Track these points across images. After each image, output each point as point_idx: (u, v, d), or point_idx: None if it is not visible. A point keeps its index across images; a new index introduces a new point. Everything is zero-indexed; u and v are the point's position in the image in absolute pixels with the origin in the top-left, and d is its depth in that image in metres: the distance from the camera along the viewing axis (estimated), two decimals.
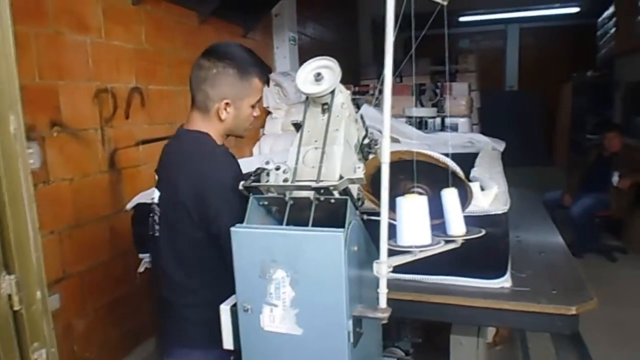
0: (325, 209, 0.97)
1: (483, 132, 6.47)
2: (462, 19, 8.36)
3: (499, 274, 1.29)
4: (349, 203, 0.95)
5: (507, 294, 1.27)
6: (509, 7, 7.87)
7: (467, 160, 2.15)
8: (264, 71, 1.34)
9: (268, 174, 1.01)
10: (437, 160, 0.99)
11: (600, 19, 7.11)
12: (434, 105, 5.11)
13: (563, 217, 4.38)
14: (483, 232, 1.01)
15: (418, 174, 0.98)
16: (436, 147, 3.04)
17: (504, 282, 1.29)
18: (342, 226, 0.92)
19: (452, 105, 5.13)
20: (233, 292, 0.99)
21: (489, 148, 2.69)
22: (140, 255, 1.82)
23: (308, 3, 4.93)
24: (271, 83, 4.01)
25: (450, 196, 0.99)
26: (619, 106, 6.44)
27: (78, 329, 2.16)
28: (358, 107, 4.66)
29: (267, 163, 1.01)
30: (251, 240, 0.96)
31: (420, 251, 0.91)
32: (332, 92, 1.05)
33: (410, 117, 4.44)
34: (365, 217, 1.03)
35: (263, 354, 0.98)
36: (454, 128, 4.39)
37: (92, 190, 2.24)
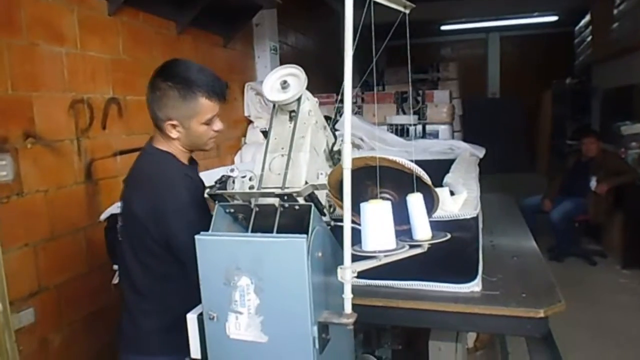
0: (291, 216, 0.97)
1: (465, 139, 6.56)
2: (443, 27, 8.49)
3: (469, 278, 1.31)
4: (313, 209, 0.95)
5: (477, 298, 1.28)
6: (490, 16, 8.01)
7: (444, 166, 2.19)
8: (213, 89, 1.31)
9: (234, 182, 1.02)
10: (402, 165, 1.00)
11: (577, 27, 7.27)
12: (415, 113, 5.16)
13: (543, 222, 4.44)
14: (449, 236, 1.03)
15: (385, 179, 0.99)
16: (416, 153, 3.07)
17: (474, 286, 1.31)
18: (308, 232, 0.93)
19: (433, 112, 5.19)
20: (193, 300, 0.99)
21: (467, 154, 2.72)
22: (115, 267, 1.81)
23: (289, 13, 4.97)
24: (252, 92, 4.02)
25: (415, 201, 1.00)
26: (596, 112, 6.57)
27: (54, 343, 2.13)
28: (340, 115, 4.65)
29: (232, 170, 1.02)
30: (215, 247, 0.96)
31: (385, 256, 0.92)
32: (299, 100, 1.06)
33: (392, 125, 4.48)
34: (332, 223, 1.04)
35: None
36: (435, 135, 4.44)
37: (68, 202, 2.22)
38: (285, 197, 0.96)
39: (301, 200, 0.97)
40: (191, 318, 1.02)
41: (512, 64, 9.32)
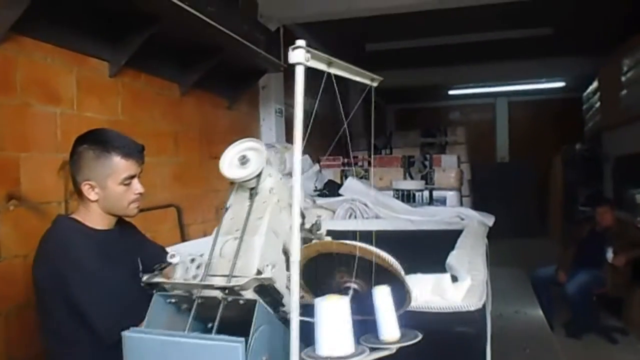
0: (240, 309, 0.84)
1: (475, 204, 6.43)
2: (451, 92, 8.57)
3: None
4: (258, 306, 0.83)
5: None
6: (498, 81, 8.09)
7: (451, 237, 2.05)
8: (128, 149, 1.37)
9: (175, 269, 0.90)
10: (378, 256, 0.88)
11: (585, 94, 7.28)
12: (423, 178, 5.07)
13: (558, 294, 4.20)
14: (420, 337, 0.89)
15: (359, 267, 0.87)
16: (422, 222, 2.94)
17: None
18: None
19: (441, 177, 5.11)
20: None
21: (475, 224, 2.59)
22: None
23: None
24: None
25: (381, 295, 0.87)
26: (608, 179, 6.43)
27: None
28: (346, 177, 4.49)
29: (173, 257, 0.90)
30: (144, 346, 0.84)
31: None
32: (259, 176, 0.96)
33: (397, 190, 4.38)
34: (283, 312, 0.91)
35: None
36: (442, 201, 4.31)
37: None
38: (226, 291, 0.84)
39: (248, 294, 0.84)
40: None
41: (521, 129, 9.33)
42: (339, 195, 4.04)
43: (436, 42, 5.81)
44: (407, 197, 4.28)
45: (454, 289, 1.19)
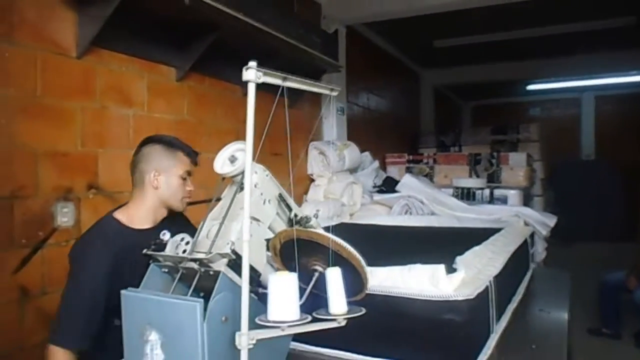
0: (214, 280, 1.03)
1: (550, 204, 6.15)
2: (530, 87, 8.21)
3: None
4: (221, 275, 1.02)
5: None
6: (583, 75, 7.64)
7: (491, 235, 2.09)
8: (189, 150, 1.70)
9: (166, 245, 1.10)
10: (338, 244, 1.03)
11: None
12: (490, 176, 4.99)
13: (627, 302, 3.97)
14: (363, 311, 1.03)
15: (323, 253, 1.02)
16: (467, 220, 2.96)
17: None
18: None
19: (509, 175, 4.99)
20: None
21: (518, 224, 2.58)
22: None
23: (363, 73, 5.14)
24: (315, 151, 4.16)
25: (332, 275, 1.00)
26: None
27: None
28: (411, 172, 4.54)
29: (164, 234, 1.10)
30: (134, 303, 1.06)
31: (288, 326, 0.94)
32: (242, 174, 1.13)
33: (458, 188, 4.37)
34: (260, 290, 1.07)
35: None
36: (503, 200, 4.23)
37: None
38: (198, 262, 1.05)
39: (219, 267, 1.02)
40: None
41: (609, 124, 8.71)
42: (396, 191, 4.13)
43: (511, 36, 5.64)
44: (467, 195, 4.26)
45: (448, 279, 1.28)
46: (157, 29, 2.49)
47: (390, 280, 1.35)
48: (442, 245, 2.02)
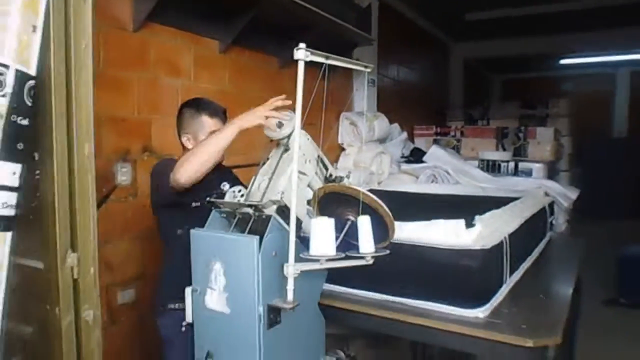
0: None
1: (578, 179, 6.19)
2: (563, 61, 8.11)
3: (474, 304, 1.43)
4: (272, 219, 1.25)
5: (478, 323, 1.40)
6: (618, 50, 7.50)
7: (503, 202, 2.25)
8: (214, 110, 1.90)
9: (225, 195, 1.32)
10: (368, 197, 1.23)
11: None
12: (516, 150, 5.07)
13: None
14: (388, 252, 1.24)
15: (354, 206, 1.22)
16: (491, 190, 3.12)
17: (479, 312, 1.43)
18: None
19: (535, 150, 5.07)
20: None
21: (540, 194, 2.72)
22: None
23: (393, 46, 5.23)
24: (346, 121, 4.33)
25: (363, 221, 1.20)
26: None
27: (148, 321, 2.56)
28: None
29: (224, 186, 1.32)
30: (202, 240, 1.30)
31: (326, 260, 1.15)
32: (289, 137, 1.33)
33: (483, 160, 4.49)
34: (302, 234, 1.29)
35: (206, 326, 1.32)
36: (528, 173, 4.34)
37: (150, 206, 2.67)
38: (253, 208, 1.27)
39: (271, 211, 1.23)
40: (187, 291, 1.35)
41: None
42: (423, 162, 4.28)
43: (546, 9, 5.61)
44: (492, 167, 4.38)
45: (467, 232, 1.47)
46: (203, 5, 2.68)
47: (416, 232, 1.54)
48: (464, 210, 2.18)
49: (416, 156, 4.46)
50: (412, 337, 1.54)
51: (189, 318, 1.37)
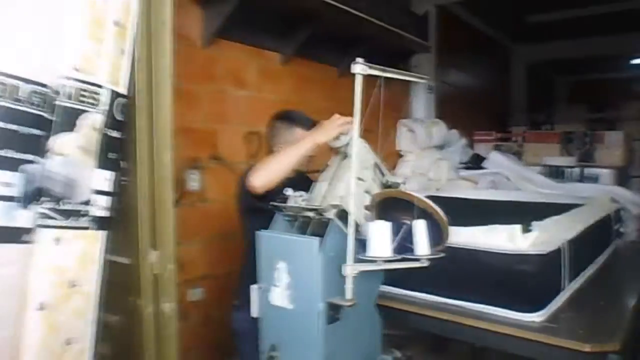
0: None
1: None
2: (634, 61, 7.68)
3: (530, 308, 1.45)
4: (331, 222, 1.33)
5: (534, 327, 1.41)
6: None
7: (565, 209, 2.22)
8: (306, 124, 1.92)
9: (287, 199, 1.42)
10: (422, 202, 1.28)
11: None
12: (583, 155, 4.89)
13: None
14: (442, 255, 1.28)
15: (410, 211, 1.28)
16: (551, 196, 3.05)
17: (535, 317, 1.44)
18: None
19: (604, 155, 4.85)
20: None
21: (605, 200, 2.64)
22: None
23: (453, 51, 5.20)
24: (404, 128, 4.36)
25: (419, 226, 1.26)
26: None
27: (214, 319, 2.72)
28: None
29: (286, 191, 1.42)
30: (268, 240, 1.41)
31: (384, 261, 1.20)
32: (347, 145, 1.41)
33: (546, 166, 4.37)
34: (360, 237, 1.36)
35: (271, 320, 1.42)
36: (594, 179, 4.17)
37: (236, 210, 2.83)
38: (314, 211, 1.36)
39: (331, 215, 1.31)
40: (253, 288, 1.47)
41: None
42: (483, 168, 4.23)
43: (613, 8, 5.38)
44: (555, 173, 4.25)
45: (523, 237, 1.48)
46: (266, 20, 2.83)
47: (473, 237, 1.58)
48: (524, 216, 2.17)
49: (476, 162, 4.41)
50: (467, 339, 1.56)
51: (254, 313, 1.48)
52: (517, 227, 1.50)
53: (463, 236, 1.57)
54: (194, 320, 2.58)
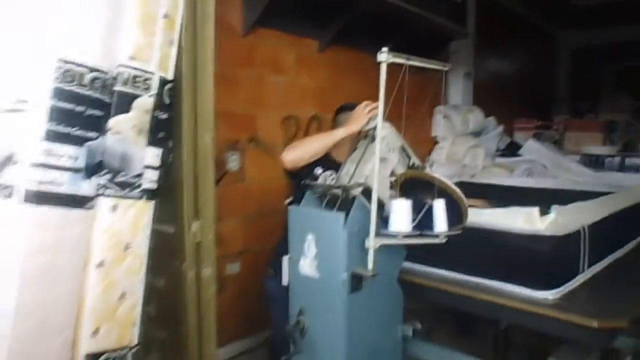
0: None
1: None
2: None
3: (544, 287, 1.52)
4: (357, 199, 1.45)
5: (547, 304, 1.49)
6: None
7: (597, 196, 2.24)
8: None
9: (318, 178, 1.54)
10: (442, 182, 1.38)
11: None
12: (625, 144, 4.78)
13: None
14: (459, 231, 1.37)
15: (433, 192, 1.38)
16: (586, 184, 3.04)
17: (549, 294, 1.51)
18: None
19: None
20: None
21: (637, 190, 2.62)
22: None
23: (493, 37, 5.15)
24: (440, 115, 4.38)
25: (438, 205, 1.34)
26: None
27: (251, 292, 2.90)
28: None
29: (317, 170, 1.53)
30: (298, 214, 1.56)
31: (403, 236, 1.31)
32: (374, 129, 1.50)
33: (585, 155, 4.31)
34: (384, 215, 1.46)
35: (299, 288, 1.56)
36: (636, 169, 4.08)
37: (273, 190, 2.96)
38: (340, 189, 1.49)
39: (356, 192, 1.42)
40: (284, 258, 1.60)
41: None
42: (519, 156, 4.22)
43: None
44: (595, 162, 4.19)
45: (540, 219, 1.55)
46: (304, 9, 2.94)
47: (492, 218, 1.66)
48: (554, 202, 2.22)
49: (512, 150, 4.40)
50: (483, 313, 1.65)
51: (285, 281, 1.62)
52: (535, 210, 1.57)
53: (483, 217, 1.66)
54: (231, 292, 2.76)
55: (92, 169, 1.22)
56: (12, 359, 1.12)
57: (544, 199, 2.56)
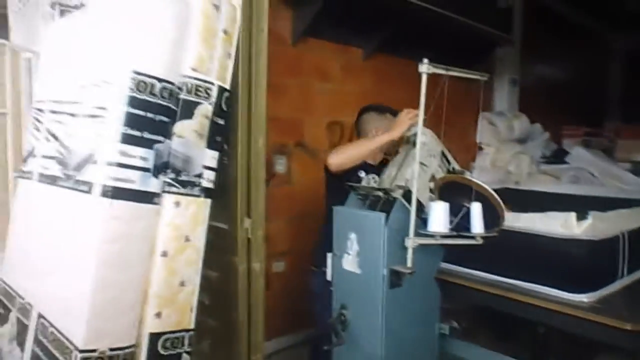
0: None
1: None
2: None
3: (579, 290, 1.56)
4: (397, 201, 1.54)
5: (582, 306, 1.53)
6: None
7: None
8: (392, 111, 2.18)
9: (361, 181, 1.63)
10: (480, 186, 1.44)
11: None
12: None
13: None
14: (495, 234, 1.41)
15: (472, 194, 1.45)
16: (632, 192, 3.00)
17: (584, 297, 1.55)
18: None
19: None
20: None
21: None
22: None
23: (539, 43, 5.08)
24: (485, 121, 4.38)
25: (475, 207, 1.41)
26: None
27: (295, 289, 3.02)
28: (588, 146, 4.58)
29: (361, 173, 1.63)
30: (342, 214, 1.65)
31: (441, 236, 1.38)
32: (415, 135, 1.58)
33: (637, 163, 4.19)
34: (422, 216, 1.54)
35: (342, 283, 1.66)
36: None
37: (318, 192, 3.08)
38: (383, 191, 1.57)
39: (396, 195, 1.51)
40: (329, 255, 1.71)
41: None
42: (565, 163, 4.17)
43: None
44: None
45: (577, 224, 1.60)
46: (350, 19, 3.05)
47: (530, 222, 1.71)
48: (595, 209, 2.23)
49: (558, 157, 4.34)
50: (517, 313, 1.69)
51: (329, 277, 1.73)
52: (572, 214, 1.61)
53: (521, 221, 1.71)
54: (276, 290, 2.90)
55: (159, 169, 1.37)
56: (89, 332, 1.29)
57: (587, 206, 2.57)
